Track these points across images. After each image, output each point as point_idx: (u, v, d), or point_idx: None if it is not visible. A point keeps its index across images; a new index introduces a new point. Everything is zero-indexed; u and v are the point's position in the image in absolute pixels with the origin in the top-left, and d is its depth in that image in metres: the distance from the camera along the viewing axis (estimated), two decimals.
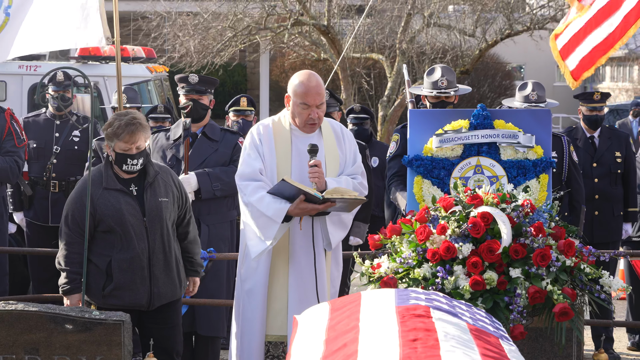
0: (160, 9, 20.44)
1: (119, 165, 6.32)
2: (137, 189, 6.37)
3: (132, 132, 6.26)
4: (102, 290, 6.31)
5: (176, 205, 6.46)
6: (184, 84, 7.73)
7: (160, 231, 6.35)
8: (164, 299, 6.39)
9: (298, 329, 4.25)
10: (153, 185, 6.38)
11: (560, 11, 19.09)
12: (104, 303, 6.30)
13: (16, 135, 8.46)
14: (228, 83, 27.04)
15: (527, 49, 25.80)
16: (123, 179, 6.37)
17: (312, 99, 6.20)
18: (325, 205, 6.05)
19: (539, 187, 6.49)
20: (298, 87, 6.22)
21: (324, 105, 6.29)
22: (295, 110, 6.25)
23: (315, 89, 6.20)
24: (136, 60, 14.43)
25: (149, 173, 6.40)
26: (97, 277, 6.32)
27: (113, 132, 6.28)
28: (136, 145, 6.27)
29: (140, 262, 6.29)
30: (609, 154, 8.97)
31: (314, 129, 6.31)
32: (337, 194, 6.04)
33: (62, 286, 6.35)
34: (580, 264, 5.82)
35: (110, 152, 6.33)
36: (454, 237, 5.78)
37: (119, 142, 6.27)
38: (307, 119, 6.24)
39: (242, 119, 10.02)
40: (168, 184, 6.45)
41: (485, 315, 4.41)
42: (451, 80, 7.48)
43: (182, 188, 6.58)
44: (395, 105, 19.27)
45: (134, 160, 6.29)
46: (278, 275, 6.24)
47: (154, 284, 6.33)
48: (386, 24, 20.53)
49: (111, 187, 6.33)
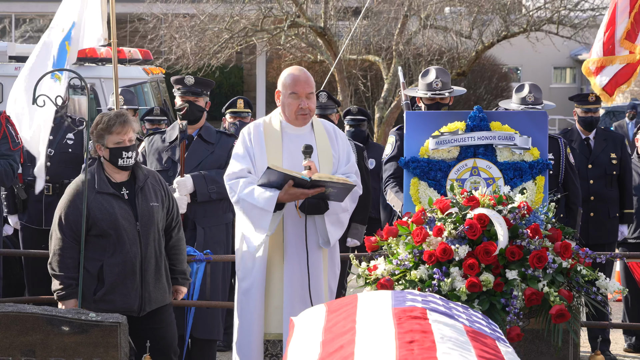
0: (156, 10, 20.43)
1: (113, 161, 6.30)
2: (129, 193, 6.37)
3: (124, 122, 6.29)
4: (93, 295, 6.29)
5: (165, 210, 6.45)
6: (179, 85, 7.73)
7: (152, 236, 6.34)
8: (154, 304, 6.38)
9: (294, 330, 4.25)
10: (144, 190, 6.38)
11: (557, 13, 19.10)
12: (95, 308, 6.25)
13: (11, 138, 8.44)
14: (224, 85, 27.04)
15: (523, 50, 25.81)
16: (115, 183, 6.36)
17: (301, 88, 6.24)
18: (314, 190, 6.04)
19: (536, 189, 6.50)
20: (287, 79, 6.29)
21: (313, 96, 6.32)
22: (285, 102, 6.29)
23: (303, 78, 6.27)
24: (133, 62, 14.44)
25: (139, 177, 6.40)
26: (88, 282, 6.30)
27: (104, 127, 6.29)
28: (128, 137, 6.30)
29: (132, 267, 6.27)
30: (604, 155, 8.98)
31: (305, 120, 6.31)
32: (325, 177, 6.04)
33: (57, 292, 6.33)
34: (577, 266, 5.82)
35: (102, 151, 6.32)
36: (450, 239, 5.78)
37: (112, 136, 6.27)
38: (297, 109, 6.26)
39: (239, 120, 10.02)
40: (157, 188, 6.45)
41: (481, 317, 4.41)
42: (446, 81, 7.49)
43: (170, 192, 6.58)
44: (392, 107, 19.27)
45: (129, 152, 6.30)
46: (274, 273, 6.25)
47: (145, 288, 6.32)
48: (382, 26, 20.53)
49: (104, 190, 6.32)
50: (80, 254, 6.29)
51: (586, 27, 19.46)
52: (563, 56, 38.23)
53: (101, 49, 13.26)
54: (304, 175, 6.01)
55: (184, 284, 6.63)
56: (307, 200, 6.13)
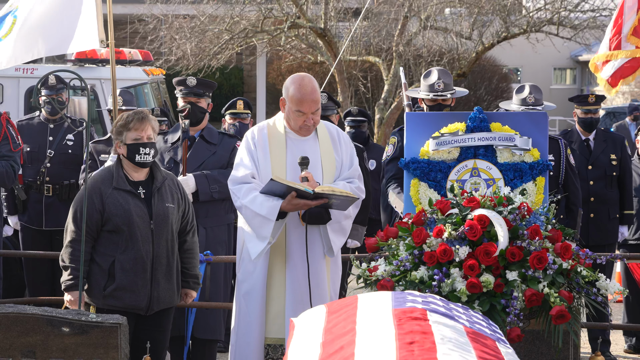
0: (156, 11, 20.43)
1: (131, 157, 6.32)
2: (145, 192, 6.39)
3: (142, 119, 6.34)
4: (103, 290, 6.31)
5: (180, 213, 6.47)
6: (182, 87, 7.74)
7: (165, 236, 6.36)
8: (162, 304, 6.39)
9: (295, 331, 4.25)
10: (161, 191, 6.41)
11: (557, 14, 19.10)
12: (104, 303, 6.30)
13: (12, 139, 8.45)
14: (225, 86, 27.04)
15: (523, 51, 25.84)
16: (132, 181, 6.39)
17: (308, 107, 6.16)
18: (317, 202, 6.03)
19: (536, 190, 6.49)
20: (293, 94, 6.15)
21: (319, 111, 6.26)
22: (291, 116, 6.23)
23: (310, 96, 6.15)
24: (133, 63, 14.43)
25: (157, 178, 6.43)
26: (98, 277, 6.32)
27: (123, 124, 6.35)
28: (147, 134, 6.33)
29: (143, 265, 6.29)
30: (604, 156, 8.98)
31: (309, 132, 6.29)
32: (327, 190, 6.03)
33: (65, 282, 6.35)
34: (577, 267, 5.82)
35: (121, 148, 6.35)
36: (450, 240, 5.78)
37: (130, 132, 6.32)
38: (302, 125, 6.22)
39: (238, 121, 10.02)
40: (174, 190, 6.48)
41: (482, 317, 4.41)
42: (448, 82, 7.49)
43: (186, 196, 6.60)
44: (392, 108, 19.27)
45: (147, 149, 6.32)
46: (275, 277, 6.23)
47: (155, 288, 6.33)
48: (383, 27, 20.53)
49: (121, 187, 6.35)
50: (81, 253, 6.30)
51: (586, 28, 19.47)
52: (563, 57, 38.25)
53: (101, 50, 13.26)
54: (307, 188, 5.99)
55: (194, 288, 6.65)
56: (309, 210, 6.10)
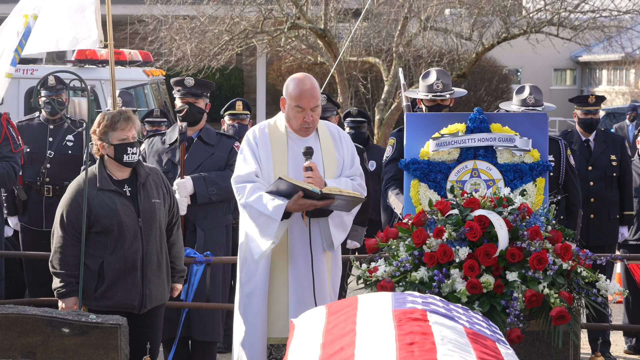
0: (156, 12, 20.43)
1: (119, 158, 6.31)
2: (131, 190, 6.38)
3: (127, 119, 6.33)
4: (94, 292, 6.29)
5: (166, 206, 6.46)
6: (179, 87, 7.73)
7: (154, 232, 6.35)
8: (155, 301, 6.38)
9: (295, 332, 4.25)
10: (145, 186, 6.39)
11: (557, 15, 19.10)
12: (96, 305, 6.27)
13: (12, 140, 8.45)
14: (225, 86, 27.04)
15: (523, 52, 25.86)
16: (116, 180, 6.37)
17: (307, 102, 6.17)
18: (324, 202, 6.03)
19: (536, 191, 6.49)
20: (292, 90, 6.17)
21: (319, 108, 6.26)
22: (290, 113, 6.23)
23: (309, 92, 6.16)
24: (133, 63, 14.44)
25: (140, 174, 6.41)
26: (88, 279, 6.29)
27: (108, 124, 6.31)
28: (132, 134, 6.33)
29: (133, 263, 6.28)
30: (604, 157, 8.99)
31: (309, 132, 6.29)
32: (335, 190, 6.02)
33: (57, 289, 6.32)
34: (577, 268, 5.82)
35: (106, 149, 6.33)
36: (450, 241, 5.78)
37: (116, 132, 6.30)
38: (302, 122, 6.21)
39: (237, 122, 10.01)
40: (159, 185, 6.47)
41: (482, 318, 4.41)
42: (446, 83, 7.49)
43: (171, 189, 6.59)
44: (392, 108, 19.27)
45: (134, 148, 6.32)
46: (278, 277, 6.22)
47: (147, 285, 6.32)
48: (383, 28, 20.54)
49: (105, 187, 6.33)
50: (81, 252, 6.29)
51: (586, 29, 19.48)
52: (563, 58, 38.29)
53: (101, 51, 13.27)
54: (314, 188, 5.99)
55: (180, 282, 6.64)
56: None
